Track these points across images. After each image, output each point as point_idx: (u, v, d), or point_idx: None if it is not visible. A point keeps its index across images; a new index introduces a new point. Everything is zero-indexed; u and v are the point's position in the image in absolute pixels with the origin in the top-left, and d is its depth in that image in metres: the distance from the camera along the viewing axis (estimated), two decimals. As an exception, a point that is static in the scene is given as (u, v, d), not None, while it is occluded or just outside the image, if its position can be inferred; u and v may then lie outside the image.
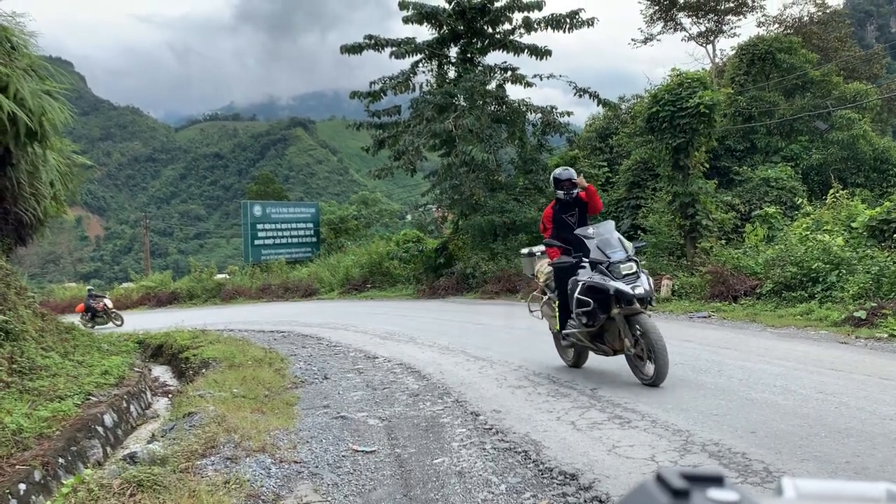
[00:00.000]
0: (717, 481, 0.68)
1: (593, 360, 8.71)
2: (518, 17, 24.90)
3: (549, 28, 24.47)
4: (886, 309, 10.57)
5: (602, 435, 5.80)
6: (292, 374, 9.70)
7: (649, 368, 7.18)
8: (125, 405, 8.63)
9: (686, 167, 17.38)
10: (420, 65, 25.89)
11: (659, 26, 35.37)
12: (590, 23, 24.15)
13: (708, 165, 19.51)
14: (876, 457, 4.84)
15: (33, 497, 5.40)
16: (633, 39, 36.51)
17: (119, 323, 22.34)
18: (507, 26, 25.40)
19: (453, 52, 26.04)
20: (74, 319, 23.31)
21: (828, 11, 36.91)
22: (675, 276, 16.47)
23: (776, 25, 35.41)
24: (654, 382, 7.08)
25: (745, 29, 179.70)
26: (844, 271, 12.79)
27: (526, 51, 25.09)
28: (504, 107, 25.28)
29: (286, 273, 30.44)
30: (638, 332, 7.10)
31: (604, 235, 7.42)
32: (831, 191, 18.17)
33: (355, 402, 7.77)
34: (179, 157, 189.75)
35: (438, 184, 25.34)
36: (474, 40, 25.64)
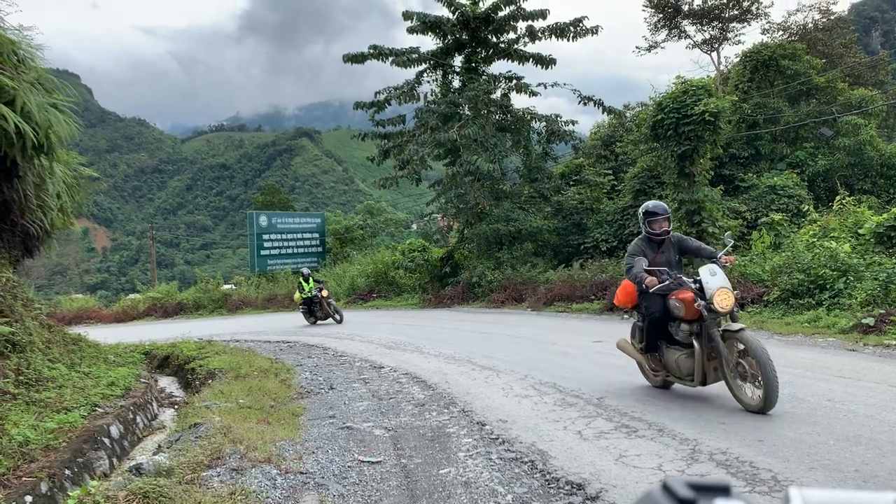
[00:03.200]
0: (723, 491, 0.67)
1: (600, 369, 8.64)
2: (522, 26, 25.00)
3: (554, 37, 24.54)
4: (895, 316, 10.51)
5: (609, 444, 5.77)
6: (298, 385, 9.69)
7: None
8: (131, 416, 8.63)
9: (691, 174, 17.38)
10: (425, 74, 25.98)
11: (663, 34, 35.44)
12: (594, 31, 24.21)
13: (713, 173, 19.50)
14: (885, 465, 4.80)
15: (39, 509, 5.39)
16: (637, 47, 36.48)
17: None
18: (511, 35, 25.49)
19: (458, 61, 26.14)
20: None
21: (832, 18, 36.91)
22: (681, 284, 16.41)
23: (780, 32, 35.44)
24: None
25: (750, 36, 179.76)
26: (852, 278, 12.74)
27: (530, 60, 25.16)
28: (508, 116, 25.32)
29: (292, 283, 30.48)
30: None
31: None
32: (838, 197, 18.11)
33: (361, 413, 7.75)
34: (185, 168, 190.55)
35: (443, 193, 25.37)
36: (478, 50, 25.72)
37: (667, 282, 6.83)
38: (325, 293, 19.02)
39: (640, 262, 7.05)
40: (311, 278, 19.61)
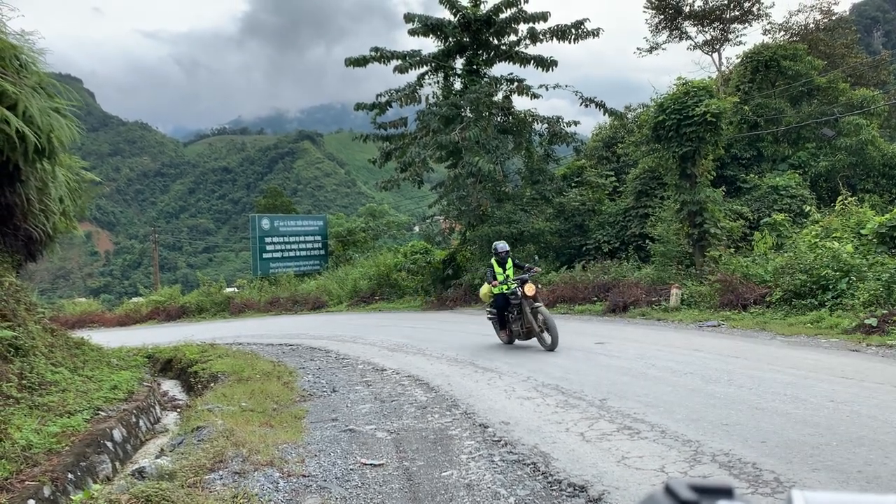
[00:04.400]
0: (726, 493, 0.67)
1: (603, 371, 8.65)
2: (523, 28, 24.98)
3: (555, 39, 24.52)
4: (897, 316, 10.49)
5: (611, 446, 5.77)
6: (300, 388, 9.69)
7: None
8: (134, 420, 8.64)
9: (693, 175, 17.36)
10: (426, 77, 25.97)
11: (664, 35, 35.39)
12: (595, 33, 24.20)
13: (715, 174, 19.47)
14: (889, 465, 4.78)
15: (42, 513, 5.39)
16: (638, 49, 36.41)
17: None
18: (512, 38, 25.47)
19: (459, 63, 26.12)
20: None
21: (834, 18, 36.89)
22: (683, 285, 16.42)
23: (782, 33, 35.43)
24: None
25: (751, 37, 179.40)
26: (854, 278, 12.72)
27: (532, 62, 25.14)
28: (510, 118, 25.31)
29: (294, 286, 30.44)
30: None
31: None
32: (840, 197, 18.09)
33: (363, 415, 7.75)
34: (188, 171, 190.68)
35: (445, 195, 25.36)
36: (480, 52, 25.71)
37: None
38: (530, 289, 11.47)
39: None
40: (510, 259, 12.50)
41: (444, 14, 25.45)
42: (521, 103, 40.57)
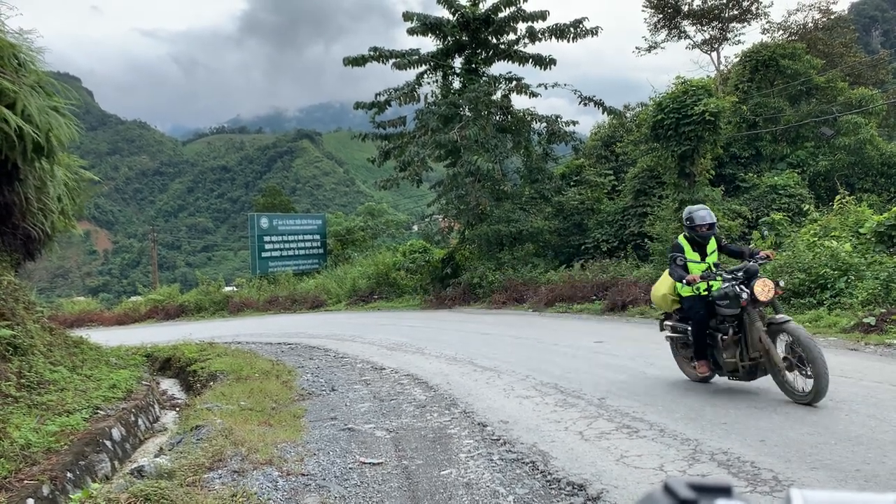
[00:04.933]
0: (725, 492, 0.68)
1: (602, 370, 8.64)
2: (522, 27, 24.99)
3: (554, 38, 24.53)
4: (896, 315, 10.50)
5: (610, 445, 5.77)
6: (299, 386, 9.69)
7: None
8: (133, 419, 8.63)
9: (692, 174, 17.39)
10: (425, 76, 25.97)
11: (663, 34, 35.40)
12: (594, 32, 24.20)
13: (714, 173, 19.48)
14: (886, 464, 4.79)
15: (41, 512, 5.39)
16: (637, 48, 36.44)
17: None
18: (511, 37, 25.48)
19: (458, 62, 26.12)
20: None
21: (832, 17, 36.90)
22: (682, 284, 16.39)
23: (780, 32, 35.44)
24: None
25: (750, 36, 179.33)
26: (853, 277, 12.72)
27: (530, 61, 25.14)
28: (509, 116, 25.32)
29: (293, 285, 30.42)
30: None
31: None
32: (838, 196, 18.10)
33: (362, 414, 7.75)
34: (187, 170, 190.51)
35: (444, 194, 25.37)
36: (479, 51, 25.71)
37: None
38: (764, 290, 6.68)
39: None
40: (714, 238, 7.60)
41: (443, 13, 25.47)
42: (519, 102, 40.52)
